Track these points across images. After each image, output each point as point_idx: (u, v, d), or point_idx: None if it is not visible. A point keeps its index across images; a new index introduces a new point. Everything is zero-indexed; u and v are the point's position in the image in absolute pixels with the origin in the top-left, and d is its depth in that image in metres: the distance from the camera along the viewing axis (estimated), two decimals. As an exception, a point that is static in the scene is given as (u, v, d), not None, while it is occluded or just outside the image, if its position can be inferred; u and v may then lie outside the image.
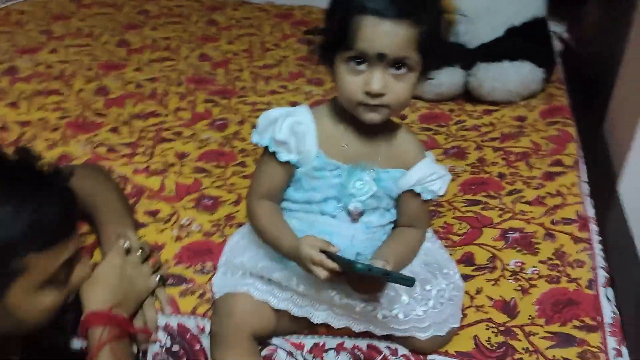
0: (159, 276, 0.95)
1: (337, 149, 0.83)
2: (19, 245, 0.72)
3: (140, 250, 0.96)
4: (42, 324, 0.81)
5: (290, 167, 0.84)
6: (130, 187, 1.22)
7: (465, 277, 0.96)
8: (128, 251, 0.95)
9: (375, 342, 0.86)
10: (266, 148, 0.84)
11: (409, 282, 0.71)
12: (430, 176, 0.85)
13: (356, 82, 0.76)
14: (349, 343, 0.87)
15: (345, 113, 0.82)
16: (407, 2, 0.73)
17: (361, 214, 0.85)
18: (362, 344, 0.86)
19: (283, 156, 0.82)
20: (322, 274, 0.74)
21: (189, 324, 0.92)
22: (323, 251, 0.74)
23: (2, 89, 1.64)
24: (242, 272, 0.88)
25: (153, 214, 1.14)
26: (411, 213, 0.87)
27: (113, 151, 1.37)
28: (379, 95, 0.76)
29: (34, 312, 0.78)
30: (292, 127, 0.82)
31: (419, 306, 0.81)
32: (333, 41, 0.77)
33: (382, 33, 0.73)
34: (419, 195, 0.85)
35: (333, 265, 0.73)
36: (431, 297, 0.83)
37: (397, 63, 0.75)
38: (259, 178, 0.87)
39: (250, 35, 2.13)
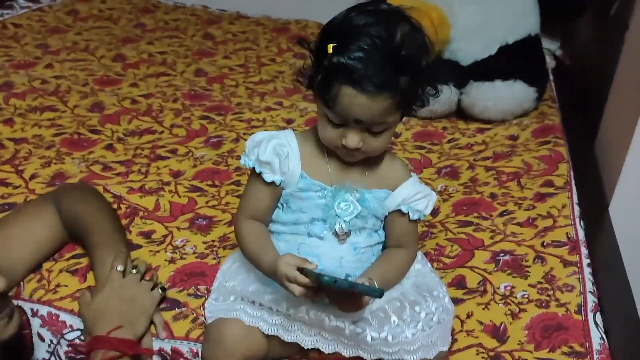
0: (161, 288, 0.97)
1: (321, 170, 0.86)
2: None
3: (135, 269, 0.97)
4: None
5: (275, 188, 0.86)
6: (124, 207, 1.22)
7: (457, 301, 0.97)
8: (134, 267, 0.97)
9: (366, 367, 0.87)
10: (253, 170, 0.86)
11: (376, 293, 0.73)
12: (415, 195, 0.87)
13: (334, 133, 0.80)
14: (340, 368, 0.88)
15: None
16: (386, 75, 0.73)
17: (348, 234, 0.87)
18: (353, 368, 0.87)
19: (268, 177, 0.85)
20: (296, 290, 0.75)
21: (182, 348, 0.93)
22: (300, 269, 0.75)
23: (-4, 106, 1.64)
24: (234, 297, 0.89)
25: (147, 235, 1.15)
26: (398, 233, 0.89)
27: (108, 169, 1.38)
28: (355, 149, 0.79)
29: None
30: (276, 149, 0.84)
31: (407, 328, 0.82)
32: (316, 90, 0.79)
33: (359, 105, 0.75)
34: (405, 215, 0.87)
35: (305, 280, 0.74)
36: (420, 319, 0.84)
37: (375, 125, 0.77)
38: (246, 198, 0.89)
39: (246, 50, 2.15)
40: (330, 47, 0.75)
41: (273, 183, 0.85)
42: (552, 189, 1.28)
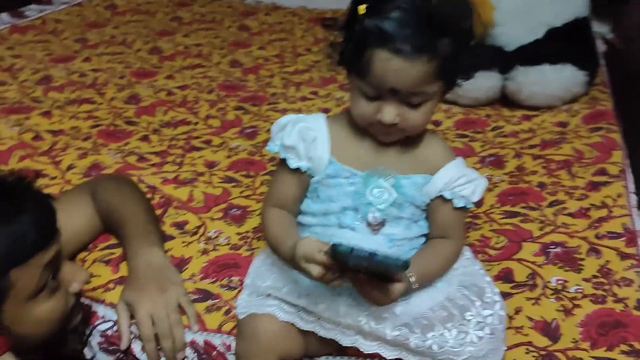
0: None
1: (353, 155, 0.79)
2: (2, 265, 0.73)
3: None
4: (47, 333, 0.81)
5: (302, 176, 0.81)
6: (158, 198, 1.20)
7: (504, 296, 0.91)
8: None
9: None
10: (281, 159, 0.82)
11: (399, 263, 0.65)
12: (458, 179, 0.79)
13: (368, 108, 0.73)
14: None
15: None
16: (425, 35, 0.68)
17: (382, 224, 0.80)
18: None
19: (293, 162, 0.80)
20: (314, 270, 0.68)
21: (214, 341, 0.90)
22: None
23: (36, 98, 1.65)
24: (267, 295, 0.84)
25: (180, 225, 1.12)
26: (442, 223, 0.81)
27: (143, 160, 1.36)
28: (392, 125, 0.73)
29: (31, 324, 0.79)
30: (301, 133, 0.79)
31: (454, 339, 0.75)
32: (347, 61, 0.73)
33: (395, 70, 0.69)
34: (448, 202, 0.79)
35: (322, 258, 0.67)
36: (469, 329, 0.76)
37: (413, 95, 0.71)
38: (272, 186, 0.85)
39: (282, 40, 2.11)
40: (361, 8, 0.69)
41: (298, 170, 0.80)
42: (606, 177, 1.20)
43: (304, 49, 2.04)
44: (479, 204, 1.17)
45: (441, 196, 0.80)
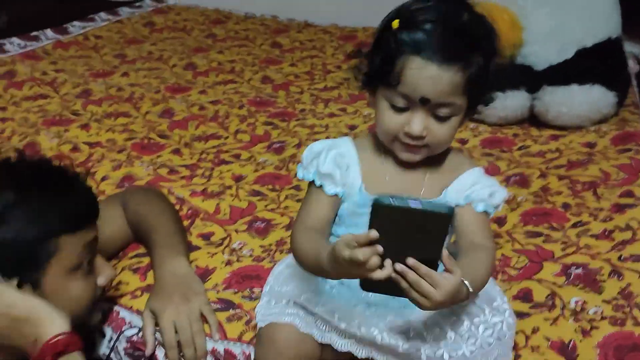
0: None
1: (379, 182, 0.81)
2: (55, 228, 0.82)
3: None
4: (77, 314, 0.85)
5: (336, 200, 0.83)
6: (186, 209, 1.24)
7: (522, 315, 0.91)
8: None
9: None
10: (312, 182, 0.83)
11: (445, 209, 0.64)
12: (473, 185, 0.80)
13: (396, 120, 0.75)
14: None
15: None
16: (458, 45, 0.71)
17: None
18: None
19: (330, 189, 0.81)
20: (360, 253, 0.64)
21: (235, 350, 0.92)
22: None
23: (75, 112, 1.73)
24: (286, 300, 0.87)
25: (206, 236, 1.16)
26: (468, 232, 0.79)
27: (174, 172, 1.41)
28: (419, 137, 0.74)
29: (67, 298, 0.85)
30: (336, 159, 0.81)
31: (465, 345, 0.77)
32: (377, 73, 0.75)
33: (428, 78, 0.71)
34: (468, 206, 0.79)
35: (363, 237, 0.64)
36: (478, 335, 0.78)
37: (441, 107, 0.73)
38: (305, 211, 0.84)
39: (313, 57, 2.16)
40: (395, 23, 0.73)
41: (335, 195, 0.82)
42: (633, 199, 1.18)
43: (334, 66, 2.07)
44: (501, 222, 1.17)
45: (460, 204, 0.80)
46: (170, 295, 0.95)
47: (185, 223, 1.18)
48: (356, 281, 0.71)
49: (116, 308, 1.02)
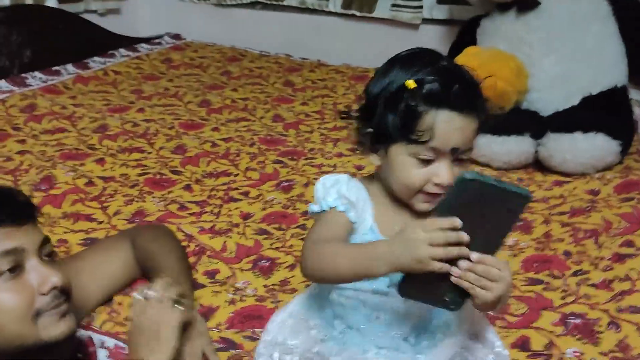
0: (179, 302, 0.94)
1: (390, 226, 0.80)
2: None
3: (153, 291, 0.94)
4: (6, 330, 0.82)
5: (351, 229, 0.81)
6: (193, 246, 1.27)
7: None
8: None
9: None
10: (323, 212, 0.80)
11: (524, 192, 0.66)
12: None
13: (423, 173, 0.76)
14: None
15: None
16: (475, 95, 0.77)
17: None
18: None
19: (352, 215, 0.79)
20: (440, 236, 0.66)
21: (234, 390, 0.94)
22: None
23: (91, 146, 1.78)
24: (294, 357, 0.86)
25: (211, 274, 1.19)
26: None
27: (183, 209, 1.45)
28: (444, 187, 0.75)
29: None
30: (357, 191, 0.81)
31: None
32: (396, 132, 0.76)
33: (457, 129, 0.74)
34: None
35: (448, 223, 0.66)
36: None
37: (465, 152, 0.76)
38: (319, 230, 0.80)
39: (324, 97, 2.21)
40: (410, 83, 0.74)
41: (353, 223, 0.79)
42: (633, 249, 1.19)
43: (345, 105, 2.11)
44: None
45: None
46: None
47: (192, 260, 1.21)
48: (366, 326, 0.73)
49: (121, 344, 1.04)
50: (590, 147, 1.50)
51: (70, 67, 2.37)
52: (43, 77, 2.26)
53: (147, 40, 2.79)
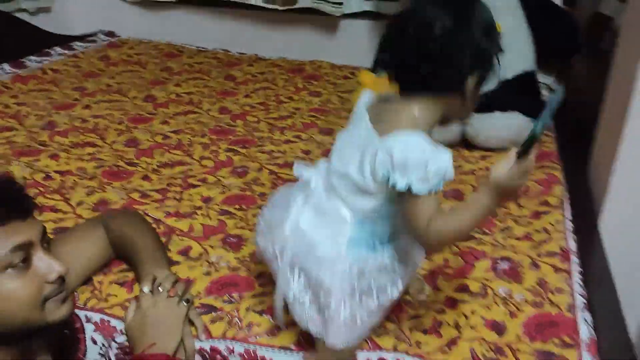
0: (186, 300, 1.08)
1: None
2: None
3: (161, 287, 1.08)
4: (22, 312, 0.89)
5: None
6: (162, 228, 1.37)
7: (463, 301, 1.10)
8: (159, 286, 1.08)
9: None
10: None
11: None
12: None
13: None
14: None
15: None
16: None
17: None
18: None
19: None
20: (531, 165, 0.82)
21: (219, 346, 1.06)
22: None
23: (43, 142, 1.81)
24: None
25: (184, 252, 1.29)
26: None
27: (146, 196, 1.53)
28: None
29: (3, 298, 0.87)
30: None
31: None
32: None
33: None
34: None
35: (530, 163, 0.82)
36: None
37: None
38: (433, 208, 0.84)
39: (265, 89, 2.32)
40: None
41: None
42: (548, 207, 1.41)
43: (286, 97, 2.25)
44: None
45: None
46: (159, 302, 1.08)
47: (163, 240, 1.30)
48: None
49: (107, 318, 1.13)
50: (508, 125, 1.72)
51: (7, 66, 2.36)
52: (-20, 77, 2.23)
53: (81, 38, 2.79)
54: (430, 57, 0.84)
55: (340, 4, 2.59)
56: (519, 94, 1.84)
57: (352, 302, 0.91)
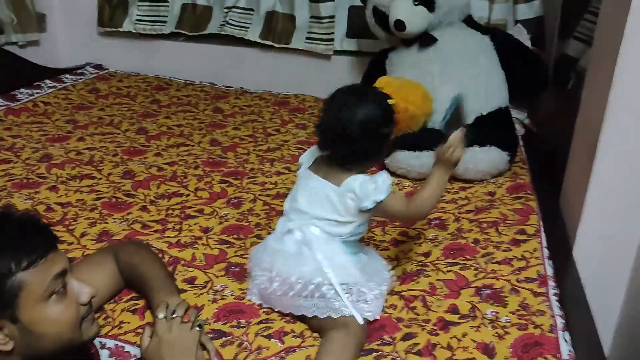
0: (198, 325, 1.14)
1: None
2: (10, 267, 0.91)
3: (174, 313, 1.16)
4: (64, 334, 0.98)
5: None
6: (167, 257, 1.44)
7: (454, 323, 1.20)
8: (173, 312, 1.16)
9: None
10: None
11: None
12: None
13: None
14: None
15: None
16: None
17: None
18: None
19: None
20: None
21: (230, 369, 1.13)
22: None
23: (40, 174, 1.87)
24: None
25: (190, 281, 1.36)
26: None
27: (146, 227, 1.60)
28: None
29: (48, 323, 0.95)
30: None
31: None
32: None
33: None
34: None
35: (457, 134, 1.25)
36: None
37: None
38: (401, 199, 1.23)
39: (253, 122, 2.42)
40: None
41: None
42: (525, 236, 1.52)
43: (273, 129, 2.35)
44: (427, 255, 1.46)
45: None
46: (172, 329, 1.15)
47: (169, 269, 1.37)
48: None
49: (120, 344, 1.19)
50: (486, 158, 1.85)
51: (-2, 99, 2.41)
52: (-27, 110, 2.28)
53: (70, 71, 2.85)
54: (355, 143, 1.19)
55: (331, 40, 2.71)
56: (494, 129, 1.97)
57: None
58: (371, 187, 1.16)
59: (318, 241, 1.21)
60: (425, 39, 2.11)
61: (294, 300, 1.19)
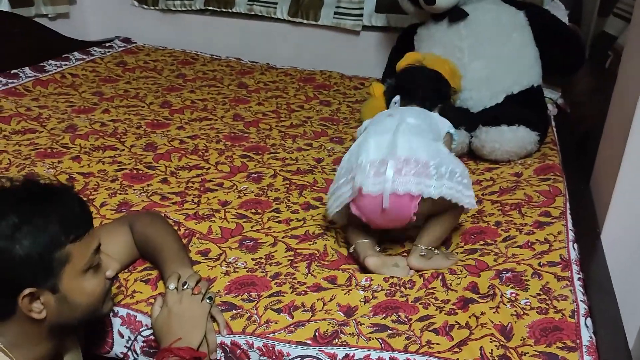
0: (209, 298, 1.14)
1: None
2: (60, 239, 0.95)
3: (185, 285, 1.15)
4: (92, 307, 1.03)
5: None
6: (183, 230, 1.43)
7: (473, 301, 1.16)
8: (184, 284, 1.15)
9: None
10: None
11: None
12: None
13: None
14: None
15: None
16: None
17: None
18: None
19: None
20: None
21: (239, 341, 1.12)
22: None
23: (65, 145, 1.88)
24: None
25: (204, 253, 1.35)
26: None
27: (165, 199, 1.59)
28: None
29: (83, 294, 1.01)
30: None
31: None
32: None
33: None
34: None
35: None
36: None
37: None
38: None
39: (277, 98, 2.40)
40: None
41: None
42: (550, 218, 1.46)
43: (297, 105, 2.32)
44: (447, 245, 1.42)
45: None
46: (183, 299, 1.14)
47: (184, 241, 1.36)
48: None
49: (133, 313, 1.19)
50: (514, 138, 1.78)
51: (27, 70, 2.43)
52: (3, 80, 2.31)
53: (99, 44, 2.87)
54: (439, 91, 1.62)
55: (360, 16, 2.66)
56: (524, 108, 1.90)
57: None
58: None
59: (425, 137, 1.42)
60: (455, 14, 2.04)
61: (425, 179, 1.25)
